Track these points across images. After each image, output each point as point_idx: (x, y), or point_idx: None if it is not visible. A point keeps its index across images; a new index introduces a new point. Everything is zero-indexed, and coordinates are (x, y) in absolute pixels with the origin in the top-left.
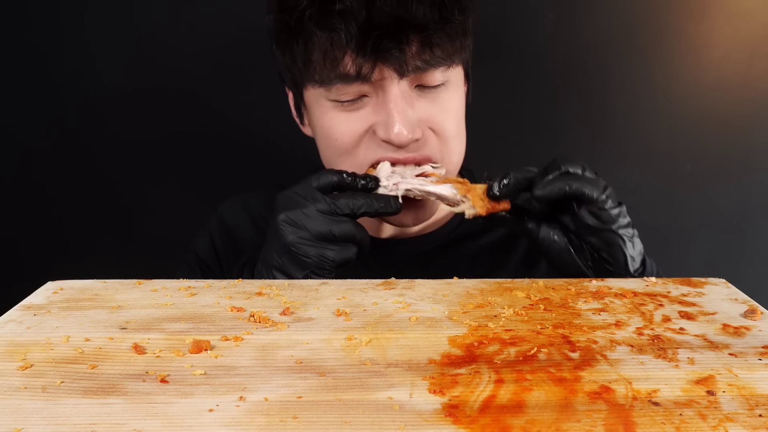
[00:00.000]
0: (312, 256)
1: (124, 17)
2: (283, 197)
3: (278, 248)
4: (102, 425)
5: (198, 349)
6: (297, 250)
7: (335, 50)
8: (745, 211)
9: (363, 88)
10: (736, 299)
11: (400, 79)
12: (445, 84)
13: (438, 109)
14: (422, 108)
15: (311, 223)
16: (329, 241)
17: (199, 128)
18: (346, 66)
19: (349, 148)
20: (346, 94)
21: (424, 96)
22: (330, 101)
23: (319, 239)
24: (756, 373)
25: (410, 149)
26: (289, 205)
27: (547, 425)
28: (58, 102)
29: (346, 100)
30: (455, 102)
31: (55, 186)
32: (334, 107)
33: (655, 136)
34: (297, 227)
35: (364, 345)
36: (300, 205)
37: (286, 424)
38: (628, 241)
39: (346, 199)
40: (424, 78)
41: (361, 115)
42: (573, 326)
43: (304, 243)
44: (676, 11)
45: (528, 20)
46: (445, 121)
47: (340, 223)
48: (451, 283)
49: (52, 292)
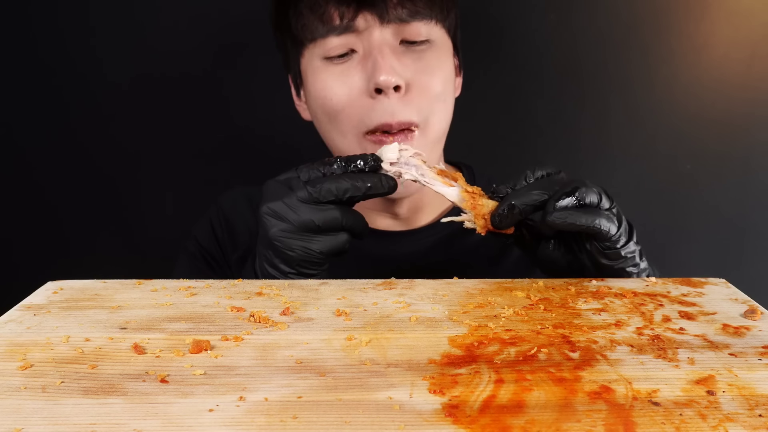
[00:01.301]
0: (296, 249)
1: (125, 16)
2: (267, 186)
3: (264, 242)
4: (102, 425)
5: (198, 349)
6: (281, 244)
7: (321, 2)
8: (745, 211)
9: (350, 40)
10: (736, 299)
11: (382, 24)
12: (430, 43)
13: (423, 66)
14: (408, 64)
15: (293, 214)
16: (314, 231)
17: (199, 128)
18: (331, 17)
19: (343, 106)
20: (336, 48)
21: (409, 52)
22: (322, 61)
23: (303, 230)
24: (756, 373)
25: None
26: (272, 195)
27: (547, 425)
28: (57, 102)
29: (335, 54)
30: (441, 64)
31: (54, 186)
32: (326, 66)
33: (655, 136)
34: (279, 219)
35: (364, 345)
36: (282, 195)
37: (286, 424)
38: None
39: (329, 184)
40: (408, 31)
41: (351, 72)
42: (573, 326)
43: (286, 236)
44: (676, 11)
45: (528, 20)
46: (431, 79)
47: (324, 211)
48: (451, 283)
49: (52, 292)
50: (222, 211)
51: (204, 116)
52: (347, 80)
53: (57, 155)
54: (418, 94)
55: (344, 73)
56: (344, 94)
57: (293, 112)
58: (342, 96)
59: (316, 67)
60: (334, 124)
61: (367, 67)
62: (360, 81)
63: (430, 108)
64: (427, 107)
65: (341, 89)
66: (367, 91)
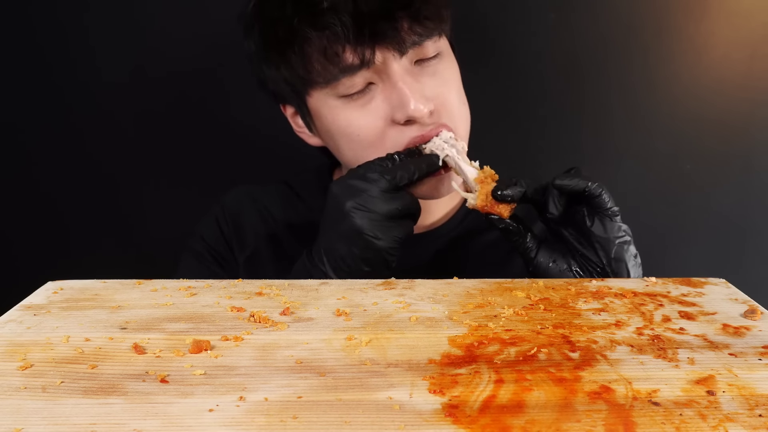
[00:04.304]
0: (383, 238)
1: (125, 16)
2: (340, 187)
3: (349, 237)
4: (102, 425)
5: (198, 349)
6: (371, 234)
7: (334, 46)
8: (745, 211)
9: (368, 75)
10: (736, 299)
11: (401, 56)
12: (440, 55)
13: (440, 81)
14: (426, 83)
15: (378, 204)
16: (397, 218)
17: (200, 128)
18: (347, 58)
19: (374, 140)
20: (354, 86)
21: (424, 71)
22: (339, 99)
23: (388, 219)
24: (756, 373)
25: (428, 123)
26: (352, 192)
27: (547, 425)
28: (58, 102)
29: (354, 92)
30: (452, 72)
31: (55, 186)
32: (345, 104)
33: (655, 136)
34: (367, 211)
35: (364, 345)
36: (363, 189)
37: (286, 424)
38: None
39: (401, 171)
40: (421, 52)
41: (374, 105)
42: (573, 326)
43: (375, 225)
44: (676, 11)
45: (528, 20)
46: (449, 92)
47: (402, 198)
48: (451, 283)
49: (52, 292)
50: (228, 210)
51: (205, 115)
52: (372, 113)
53: (57, 155)
54: (443, 108)
55: (366, 107)
56: (372, 127)
57: None
58: (370, 129)
59: (332, 105)
60: (363, 153)
61: (392, 98)
62: (385, 112)
63: (456, 116)
64: (453, 117)
65: (367, 123)
66: (394, 120)
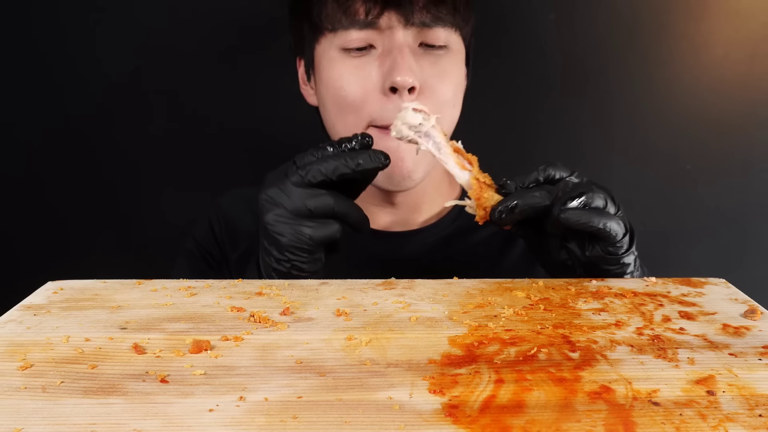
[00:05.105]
0: (287, 234)
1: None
2: (267, 176)
3: (262, 230)
4: (102, 425)
5: (198, 349)
6: (273, 229)
7: None
8: (745, 210)
9: (371, 35)
10: (736, 299)
11: (406, 26)
12: (447, 49)
13: (438, 72)
14: (424, 67)
15: (286, 198)
16: (306, 217)
17: (200, 128)
18: (357, 10)
19: (355, 100)
20: (355, 41)
21: (426, 56)
22: (340, 51)
23: (296, 215)
24: (756, 373)
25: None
26: (269, 182)
27: (547, 425)
28: (58, 101)
29: (354, 47)
30: (455, 71)
31: (55, 186)
32: (343, 58)
33: (655, 136)
34: (275, 204)
35: (364, 345)
36: (278, 181)
37: (286, 424)
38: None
39: (318, 165)
40: (428, 35)
41: (368, 68)
42: (573, 326)
43: (280, 220)
44: (676, 11)
45: (528, 20)
46: (443, 84)
47: (317, 196)
48: (451, 283)
49: (52, 292)
50: (221, 212)
51: (205, 116)
52: (363, 74)
53: (57, 155)
54: (429, 97)
55: (360, 67)
56: (358, 87)
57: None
58: (356, 89)
59: (332, 56)
60: (342, 115)
61: (385, 64)
62: (375, 77)
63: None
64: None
65: (356, 83)
66: (381, 88)
